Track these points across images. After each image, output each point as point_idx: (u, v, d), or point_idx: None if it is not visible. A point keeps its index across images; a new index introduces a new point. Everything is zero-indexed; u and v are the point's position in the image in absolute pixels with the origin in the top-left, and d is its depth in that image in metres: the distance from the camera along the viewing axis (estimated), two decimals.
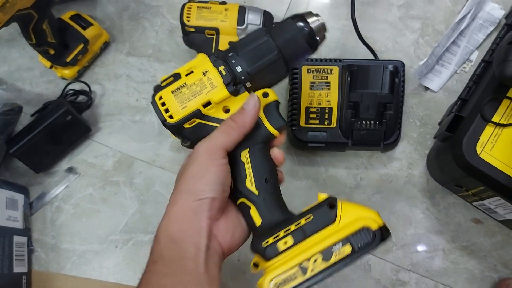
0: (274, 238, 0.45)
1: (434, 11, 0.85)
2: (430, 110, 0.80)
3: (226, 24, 0.77)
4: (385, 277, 0.74)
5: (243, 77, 0.48)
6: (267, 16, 0.78)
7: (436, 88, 0.81)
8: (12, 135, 0.77)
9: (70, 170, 0.79)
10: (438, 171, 0.74)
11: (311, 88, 0.75)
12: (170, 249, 0.43)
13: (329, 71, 0.75)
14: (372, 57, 0.81)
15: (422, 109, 0.80)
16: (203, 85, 0.48)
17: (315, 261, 0.43)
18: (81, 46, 0.80)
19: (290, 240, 0.45)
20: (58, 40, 0.77)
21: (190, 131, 0.49)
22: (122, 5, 0.87)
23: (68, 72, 0.81)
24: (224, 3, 0.79)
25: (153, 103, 0.49)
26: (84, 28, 0.81)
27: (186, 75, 0.48)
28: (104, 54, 0.85)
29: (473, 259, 0.74)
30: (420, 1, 0.86)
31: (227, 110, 0.49)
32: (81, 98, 0.83)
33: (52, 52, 0.77)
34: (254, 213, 0.47)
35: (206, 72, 0.48)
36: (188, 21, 0.77)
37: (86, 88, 0.82)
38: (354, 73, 0.74)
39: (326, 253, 0.44)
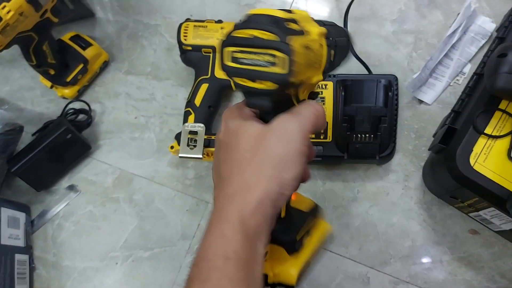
0: (299, 234, 0.55)
1: (427, 25, 0.87)
2: (425, 123, 0.81)
3: None
4: None
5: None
6: None
7: (430, 100, 0.82)
8: (13, 154, 0.78)
9: (71, 188, 0.81)
10: (434, 182, 0.75)
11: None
12: (246, 246, 0.37)
13: (323, 86, 0.77)
14: (366, 72, 0.83)
15: (417, 121, 0.81)
16: None
17: None
18: (81, 66, 0.82)
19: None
20: (59, 60, 0.79)
21: None
22: (121, 24, 0.89)
23: (69, 91, 0.83)
24: (220, 21, 0.80)
25: None
26: (84, 48, 0.83)
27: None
28: (103, 73, 0.87)
29: (471, 270, 0.74)
30: (413, 16, 0.87)
31: None
32: (81, 116, 0.84)
33: (52, 72, 0.79)
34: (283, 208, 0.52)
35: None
36: (185, 39, 0.79)
37: (86, 107, 0.84)
38: (348, 88, 0.75)
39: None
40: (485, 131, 0.66)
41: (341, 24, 0.84)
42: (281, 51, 0.38)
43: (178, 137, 0.78)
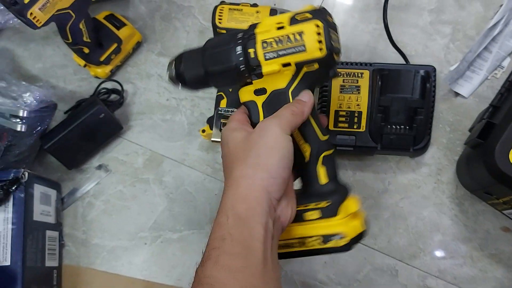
0: (305, 206, 0.50)
1: (466, 16, 0.85)
2: (460, 116, 0.80)
3: None
4: (412, 283, 0.74)
5: None
6: None
7: (467, 94, 0.80)
8: (46, 131, 0.79)
9: (101, 167, 0.81)
10: (468, 177, 0.74)
11: (341, 92, 0.75)
12: (240, 227, 0.42)
13: (359, 75, 0.75)
14: (403, 61, 0.81)
15: (452, 114, 0.80)
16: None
17: (315, 240, 0.49)
18: (115, 45, 0.81)
19: (314, 215, 0.50)
20: (93, 39, 0.78)
21: None
22: (155, 5, 0.89)
23: (101, 71, 0.83)
24: (255, 5, 0.79)
25: None
26: (118, 28, 0.82)
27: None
28: (136, 54, 0.87)
29: (502, 267, 0.73)
30: (451, 6, 0.85)
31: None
32: (113, 96, 0.84)
33: (86, 51, 0.79)
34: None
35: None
36: (220, 22, 0.78)
37: (118, 87, 0.84)
38: (385, 77, 0.74)
39: (326, 238, 0.49)
40: None
41: (377, 12, 0.82)
42: None
43: (210, 121, 0.78)
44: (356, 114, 0.74)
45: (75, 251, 0.78)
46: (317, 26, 0.46)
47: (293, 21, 0.47)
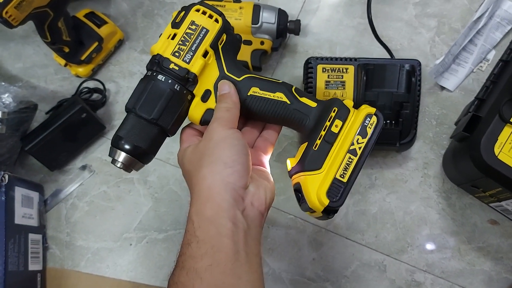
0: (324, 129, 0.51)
1: (451, 9, 0.84)
2: (446, 110, 0.79)
3: (241, 22, 0.76)
4: (400, 278, 0.73)
5: None
6: (281, 15, 0.78)
7: (452, 87, 0.80)
8: (27, 132, 0.77)
9: (85, 167, 0.80)
10: (455, 171, 0.74)
11: (326, 87, 0.74)
12: (205, 227, 0.42)
13: (344, 70, 0.74)
14: (388, 56, 0.81)
15: (438, 108, 0.80)
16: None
17: (357, 141, 0.50)
18: (96, 44, 0.80)
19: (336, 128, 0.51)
20: (73, 38, 0.77)
21: None
22: (136, 2, 0.87)
23: (83, 70, 0.81)
24: (238, 1, 0.78)
25: None
26: (99, 26, 0.81)
27: None
28: (118, 52, 0.85)
29: (490, 260, 0.73)
30: None
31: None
32: (95, 96, 0.83)
33: (66, 50, 0.78)
34: None
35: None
36: None
37: (101, 86, 0.82)
38: (370, 72, 0.73)
39: (362, 131, 0.50)
40: (511, 120, 0.64)
41: (362, 6, 0.82)
42: None
43: None
44: None
45: (59, 254, 0.76)
46: (198, 10, 0.50)
47: (177, 24, 0.50)
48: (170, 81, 0.49)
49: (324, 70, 0.75)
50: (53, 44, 0.75)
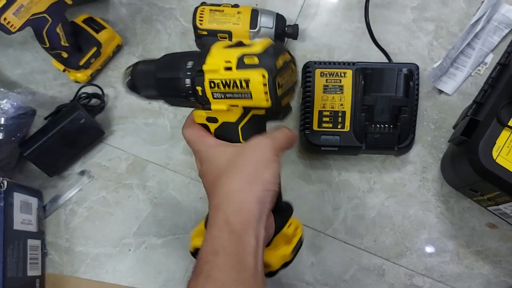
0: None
1: (449, 13, 0.84)
2: (445, 113, 0.79)
3: (239, 27, 0.77)
4: (399, 282, 0.73)
5: None
6: (279, 19, 0.78)
7: (451, 91, 0.80)
8: (26, 138, 0.77)
9: (84, 173, 0.80)
10: (453, 175, 0.74)
11: (324, 92, 0.75)
12: (234, 241, 0.43)
13: (342, 75, 0.75)
14: (386, 60, 0.81)
15: (436, 112, 0.80)
16: None
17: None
18: (94, 49, 0.80)
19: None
20: (72, 43, 0.77)
21: None
22: (135, 7, 0.87)
23: (81, 75, 0.81)
24: (236, 6, 0.78)
25: None
26: (97, 32, 0.81)
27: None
28: (117, 57, 0.85)
29: (488, 264, 0.73)
30: (434, 3, 0.85)
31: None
32: (94, 101, 0.83)
33: (65, 55, 0.78)
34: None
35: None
36: (200, 24, 0.77)
37: (99, 91, 0.82)
38: (368, 77, 0.73)
39: None
40: (509, 124, 0.64)
41: (360, 11, 0.82)
42: None
43: None
44: (340, 114, 0.74)
45: (58, 260, 0.76)
46: (263, 76, 0.44)
47: (241, 64, 0.45)
48: (190, 92, 0.48)
49: (322, 74, 0.75)
50: (51, 50, 0.76)
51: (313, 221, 0.76)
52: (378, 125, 0.73)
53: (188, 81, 0.48)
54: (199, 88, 0.47)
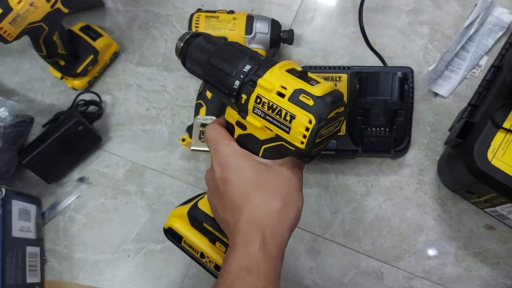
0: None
1: (443, 16, 0.85)
2: (440, 116, 0.80)
3: (235, 33, 0.77)
4: (397, 285, 0.73)
5: None
6: (274, 25, 0.78)
7: (446, 93, 0.81)
8: (24, 146, 0.78)
9: (82, 180, 0.80)
10: (449, 177, 0.74)
11: None
12: (268, 261, 0.43)
13: (337, 79, 0.75)
14: (381, 64, 0.81)
15: (432, 114, 0.80)
16: None
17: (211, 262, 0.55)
18: (91, 57, 0.81)
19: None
20: (69, 51, 0.78)
21: None
22: (132, 15, 0.88)
23: (79, 82, 0.82)
24: (232, 12, 0.79)
25: None
26: (94, 39, 0.82)
27: None
28: (114, 64, 0.86)
29: (486, 265, 0.74)
30: (429, 7, 0.86)
31: None
32: (91, 108, 0.83)
33: (62, 63, 0.78)
34: None
35: None
36: (196, 30, 0.77)
37: (97, 98, 0.83)
38: (363, 80, 0.74)
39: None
40: (503, 126, 0.64)
41: (356, 15, 0.83)
42: None
43: (189, 129, 0.77)
44: None
45: (57, 266, 0.76)
46: (309, 121, 0.41)
47: (294, 97, 0.42)
48: (234, 93, 0.46)
49: None
50: (48, 58, 0.76)
51: (312, 225, 0.76)
52: (374, 129, 0.73)
53: (237, 83, 0.45)
54: (244, 96, 0.45)
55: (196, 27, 0.77)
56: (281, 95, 0.43)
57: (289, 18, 0.86)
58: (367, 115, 0.73)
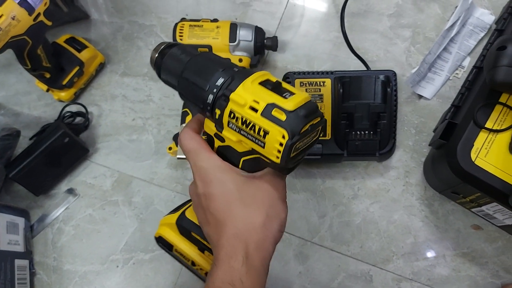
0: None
1: (425, 19, 0.86)
2: (425, 118, 0.80)
3: (218, 41, 0.78)
4: (387, 287, 0.73)
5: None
6: (258, 32, 0.79)
7: (430, 95, 0.81)
8: (11, 159, 0.78)
9: (70, 191, 0.80)
10: (435, 178, 0.74)
11: None
12: (251, 275, 0.43)
13: (321, 84, 0.76)
14: (364, 68, 0.82)
15: (417, 116, 0.81)
16: None
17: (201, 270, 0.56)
18: (77, 68, 0.81)
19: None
20: (54, 64, 0.78)
21: None
22: (116, 26, 0.89)
23: (65, 94, 0.82)
24: (216, 20, 0.80)
25: None
26: (79, 51, 0.82)
27: None
28: (99, 76, 0.86)
29: (475, 265, 0.74)
30: (410, 10, 0.87)
31: None
32: (78, 119, 0.84)
33: (48, 75, 0.79)
34: None
35: None
36: (181, 39, 0.78)
37: (83, 110, 0.83)
38: (346, 85, 0.74)
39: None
40: (485, 126, 0.65)
41: (339, 20, 0.83)
42: None
43: (176, 138, 0.78)
44: None
45: (46, 279, 0.76)
46: (283, 137, 0.41)
47: (267, 112, 0.41)
48: (208, 108, 0.45)
49: (301, 84, 0.76)
50: (33, 71, 0.77)
51: (300, 230, 0.77)
52: (358, 132, 0.73)
53: (211, 97, 0.44)
54: (217, 111, 0.44)
55: (180, 36, 0.78)
56: (254, 109, 0.42)
57: (273, 25, 0.87)
58: (351, 119, 0.73)
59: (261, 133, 0.42)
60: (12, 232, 0.74)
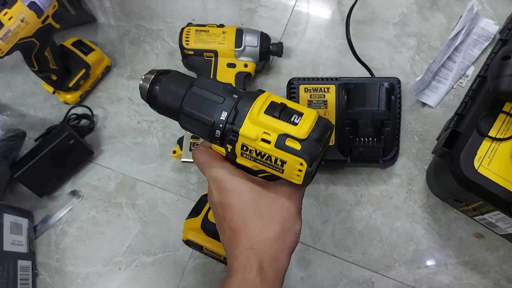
0: None
1: (430, 28, 0.86)
2: (428, 126, 0.81)
3: (224, 46, 0.78)
4: None
5: None
6: (264, 38, 0.80)
7: (434, 103, 0.82)
8: (16, 160, 0.78)
9: (74, 193, 0.81)
10: (438, 186, 0.75)
11: (308, 107, 0.76)
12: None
13: (326, 90, 0.76)
14: (369, 75, 0.82)
15: (420, 124, 0.81)
16: None
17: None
18: (83, 71, 0.82)
19: None
20: (60, 66, 0.79)
21: None
22: (123, 30, 0.89)
23: (71, 97, 0.83)
24: (222, 26, 0.80)
25: None
26: (86, 54, 0.83)
27: None
28: (106, 78, 0.87)
29: (476, 274, 0.74)
30: (415, 19, 0.87)
31: None
32: (83, 122, 0.84)
33: (54, 78, 0.79)
34: None
35: None
36: (187, 44, 0.79)
37: (89, 112, 0.84)
38: (351, 91, 0.75)
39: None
40: (489, 134, 0.65)
41: (344, 27, 0.84)
42: None
43: (180, 141, 0.78)
44: None
45: (49, 280, 0.76)
46: (301, 164, 0.41)
47: (280, 143, 0.41)
48: (217, 141, 0.44)
49: (306, 90, 0.76)
50: (40, 73, 0.77)
51: (302, 235, 0.75)
52: (362, 139, 0.74)
53: (218, 132, 0.43)
54: (229, 146, 0.43)
55: (187, 41, 0.79)
56: (266, 141, 0.42)
57: (278, 31, 0.88)
58: (355, 125, 0.74)
59: (278, 162, 0.42)
60: (16, 232, 0.74)
